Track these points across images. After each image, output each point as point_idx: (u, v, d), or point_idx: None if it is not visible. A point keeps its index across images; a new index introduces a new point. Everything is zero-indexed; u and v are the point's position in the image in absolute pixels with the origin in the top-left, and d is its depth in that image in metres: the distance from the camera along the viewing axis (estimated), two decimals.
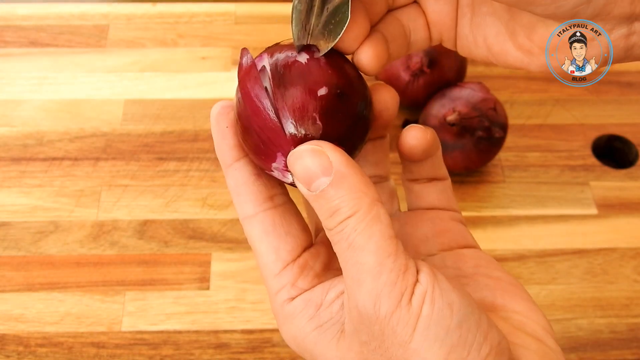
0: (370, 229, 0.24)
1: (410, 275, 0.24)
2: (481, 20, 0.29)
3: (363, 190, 0.25)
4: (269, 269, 0.28)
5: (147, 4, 0.70)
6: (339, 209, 0.25)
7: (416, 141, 0.29)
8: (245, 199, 0.28)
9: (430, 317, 0.23)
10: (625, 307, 0.51)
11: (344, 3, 0.26)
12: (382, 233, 0.24)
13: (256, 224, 0.28)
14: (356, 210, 0.24)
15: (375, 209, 0.25)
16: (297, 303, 0.27)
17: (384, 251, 0.24)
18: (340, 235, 0.25)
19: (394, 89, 0.29)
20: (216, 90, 0.64)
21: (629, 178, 0.58)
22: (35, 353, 0.48)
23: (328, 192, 0.25)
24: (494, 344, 0.24)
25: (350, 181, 0.25)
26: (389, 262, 0.24)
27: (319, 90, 0.26)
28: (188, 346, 0.49)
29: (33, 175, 0.57)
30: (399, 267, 0.24)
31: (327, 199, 0.25)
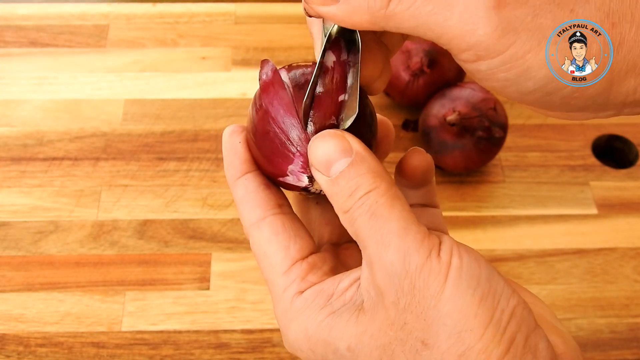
0: (392, 202, 0.25)
1: (435, 237, 0.25)
2: None
3: (382, 173, 0.26)
4: (276, 268, 0.28)
5: (147, 4, 0.70)
6: (359, 185, 0.26)
7: (418, 162, 0.30)
8: (254, 205, 0.29)
9: (461, 268, 0.24)
10: (625, 307, 0.51)
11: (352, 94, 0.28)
12: (403, 206, 0.25)
13: (265, 226, 0.28)
14: (377, 185, 0.26)
15: (394, 189, 0.26)
16: (307, 295, 0.27)
17: (408, 218, 0.25)
18: (362, 209, 0.25)
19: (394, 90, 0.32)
20: (216, 90, 0.64)
21: (629, 178, 0.58)
22: (35, 353, 0.48)
23: (348, 172, 0.26)
24: (520, 300, 0.25)
25: (370, 163, 0.26)
26: (414, 226, 0.25)
27: (339, 96, 0.28)
28: (188, 346, 0.49)
29: (33, 175, 0.57)
30: (424, 231, 0.25)
31: (347, 178, 0.26)
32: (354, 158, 0.26)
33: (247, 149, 0.29)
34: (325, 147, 0.26)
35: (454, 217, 0.56)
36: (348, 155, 0.26)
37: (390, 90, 0.60)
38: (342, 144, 0.26)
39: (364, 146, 0.26)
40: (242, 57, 0.66)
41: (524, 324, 0.24)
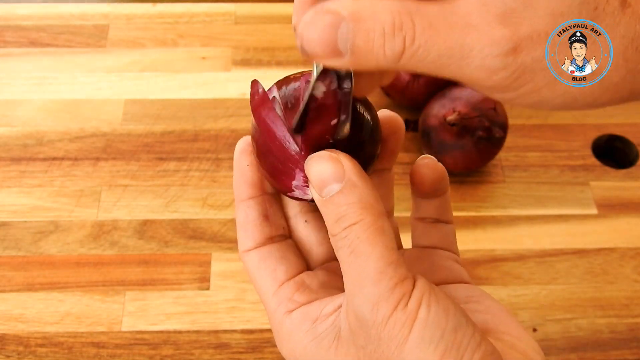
0: (373, 238, 0.25)
1: (408, 283, 0.25)
2: None
3: (371, 202, 0.26)
4: (267, 291, 0.29)
5: (147, 4, 0.70)
6: (345, 214, 0.25)
7: (427, 170, 0.31)
8: (249, 233, 0.30)
9: (427, 320, 0.24)
10: (625, 307, 0.51)
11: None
12: (384, 244, 0.25)
13: (254, 254, 0.30)
14: (362, 218, 0.25)
15: (380, 222, 0.25)
16: (295, 316, 0.28)
17: (386, 260, 0.25)
18: (344, 242, 0.25)
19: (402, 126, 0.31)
20: (216, 90, 0.64)
21: (629, 178, 0.58)
22: (35, 353, 0.48)
23: (337, 198, 0.26)
24: (487, 351, 0.24)
25: (360, 191, 0.26)
26: (390, 270, 0.25)
27: (335, 111, 0.28)
28: (188, 346, 0.49)
29: (33, 175, 0.57)
30: (399, 275, 0.25)
31: (335, 204, 0.26)
32: (344, 185, 0.26)
33: (255, 170, 0.30)
34: (319, 168, 0.26)
35: (454, 217, 0.55)
36: (339, 180, 0.26)
37: (390, 90, 0.60)
38: (334, 167, 0.26)
39: (357, 171, 0.26)
40: (242, 57, 0.66)
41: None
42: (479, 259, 0.53)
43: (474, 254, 0.53)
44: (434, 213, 0.32)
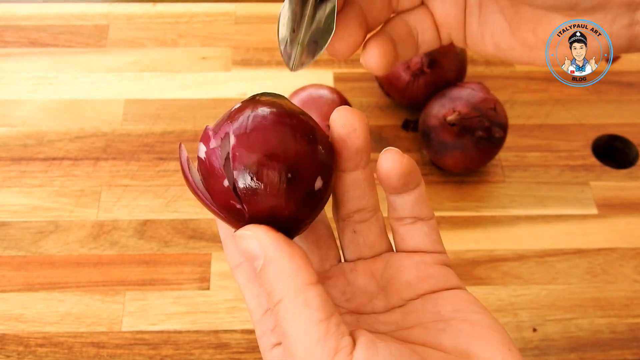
0: (298, 316, 0.25)
1: (343, 355, 0.24)
2: (488, 18, 0.29)
3: (291, 275, 0.25)
4: (253, 314, 0.30)
5: (147, 4, 0.70)
6: (271, 290, 0.26)
7: (391, 163, 0.29)
8: (233, 249, 0.30)
9: None
10: (626, 307, 0.51)
11: (331, 13, 0.27)
12: (309, 319, 0.25)
13: (241, 272, 0.30)
14: (284, 296, 0.25)
15: (302, 294, 0.25)
16: (275, 354, 0.28)
17: (312, 338, 0.24)
18: (276, 318, 0.26)
19: (358, 111, 0.29)
20: (216, 90, 0.64)
21: (629, 178, 0.58)
22: (35, 353, 0.48)
23: (262, 274, 0.26)
24: None
25: (278, 265, 0.26)
26: (318, 348, 0.24)
27: (223, 182, 0.27)
28: (188, 346, 0.49)
29: (33, 175, 0.57)
30: (329, 351, 0.24)
31: (263, 279, 0.26)
32: (263, 262, 0.26)
33: None
34: (243, 245, 0.27)
35: (454, 217, 0.56)
36: (259, 258, 0.26)
37: (390, 90, 0.60)
38: (253, 246, 0.26)
39: (273, 243, 0.26)
40: (242, 57, 0.66)
41: None
42: (479, 259, 0.53)
43: (474, 254, 0.53)
44: (410, 211, 0.31)
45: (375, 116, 0.62)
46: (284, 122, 0.26)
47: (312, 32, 0.27)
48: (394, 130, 0.61)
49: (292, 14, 0.27)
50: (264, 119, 0.26)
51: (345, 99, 0.57)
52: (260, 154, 0.26)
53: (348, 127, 0.28)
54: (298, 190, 0.27)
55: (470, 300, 0.30)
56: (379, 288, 0.31)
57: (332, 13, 0.27)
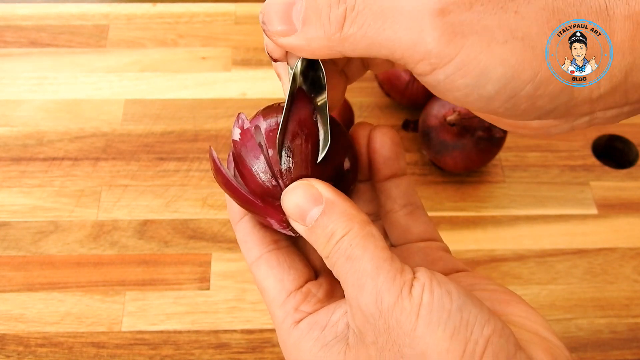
0: (364, 243, 0.26)
1: (408, 273, 0.26)
2: None
3: (353, 213, 0.27)
4: (275, 301, 0.30)
5: (147, 4, 0.70)
6: (334, 231, 0.27)
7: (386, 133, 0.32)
8: (252, 245, 0.31)
9: (432, 304, 0.25)
10: (625, 307, 0.51)
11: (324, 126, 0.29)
12: (376, 245, 0.26)
13: (262, 262, 0.30)
14: (350, 229, 0.26)
15: (367, 228, 0.27)
16: (302, 326, 0.29)
17: (380, 257, 0.26)
18: (338, 254, 0.26)
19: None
20: (216, 90, 0.64)
21: (629, 178, 0.58)
22: (35, 353, 0.48)
23: (322, 221, 0.27)
24: (497, 327, 0.25)
25: (341, 207, 0.27)
26: (386, 265, 0.26)
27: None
28: (188, 346, 0.49)
29: (33, 175, 0.57)
30: (396, 268, 0.26)
31: (322, 227, 0.27)
32: (325, 205, 0.27)
33: None
34: (295, 198, 0.27)
35: (454, 217, 0.56)
36: (319, 203, 0.27)
37: (390, 90, 0.60)
38: (310, 193, 0.27)
39: (333, 190, 0.27)
40: (242, 57, 0.66)
41: (501, 351, 0.25)
42: (479, 259, 0.53)
43: (474, 254, 0.53)
44: (405, 196, 0.33)
45: (375, 116, 0.62)
46: (310, 112, 0.29)
47: None
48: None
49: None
50: (294, 112, 0.29)
51: (345, 99, 0.57)
52: (292, 131, 0.28)
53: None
54: (329, 166, 0.29)
55: (483, 277, 0.31)
56: None
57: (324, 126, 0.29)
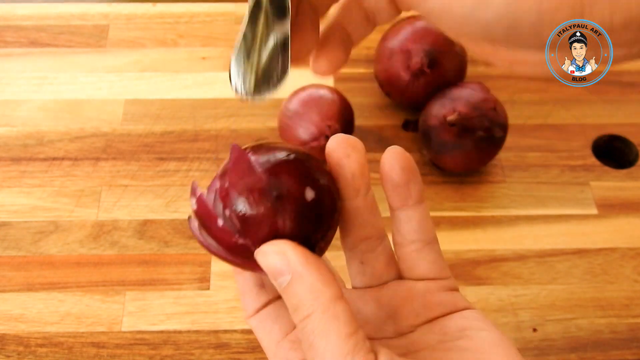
0: (327, 330, 0.25)
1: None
2: None
3: (320, 289, 0.26)
4: (268, 351, 0.32)
5: (147, 4, 0.70)
6: (299, 306, 0.26)
7: (393, 156, 0.30)
8: (249, 303, 0.32)
9: None
10: (626, 307, 0.51)
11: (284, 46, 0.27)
12: (338, 333, 0.25)
13: (254, 320, 0.32)
14: (313, 310, 0.26)
15: (332, 308, 0.25)
16: None
17: (341, 352, 0.25)
18: (302, 334, 0.26)
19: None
20: (216, 90, 0.64)
21: (629, 178, 0.58)
22: (35, 353, 0.48)
23: (289, 290, 0.26)
24: None
25: (308, 280, 0.26)
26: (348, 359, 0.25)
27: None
28: (188, 346, 0.49)
29: (33, 175, 0.57)
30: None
31: (289, 295, 0.26)
32: (291, 277, 0.26)
33: None
34: (267, 262, 0.27)
35: (454, 217, 0.56)
36: (287, 273, 0.26)
37: (390, 90, 0.60)
38: (280, 261, 0.26)
39: (303, 259, 0.26)
40: None
41: None
42: (479, 259, 0.53)
43: (474, 254, 0.53)
44: (416, 232, 0.31)
45: (375, 116, 0.62)
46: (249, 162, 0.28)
47: (265, 66, 0.28)
48: (394, 130, 0.61)
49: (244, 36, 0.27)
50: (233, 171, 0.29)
51: (345, 99, 0.57)
52: (242, 184, 0.27)
53: (341, 153, 0.29)
54: (288, 204, 0.27)
55: (476, 318, 0.30)
56: (387, 316, 0.31)
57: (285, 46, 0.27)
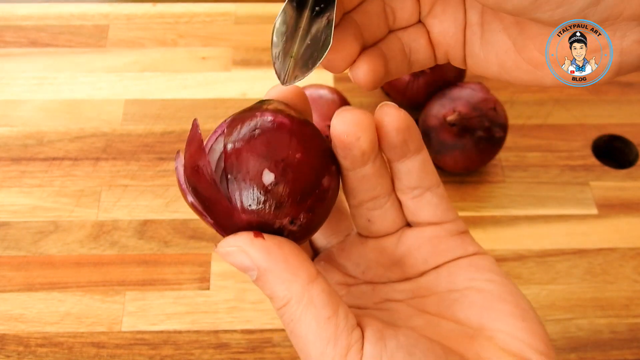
0: (305, 317, 0.25)
1: (354, 355, 0.24)
2: (491, 37, 0.28)
3: (290, 277, 0.25)
4: None
5: (147, 4, 0.70)
6: (272, 298, 0.25)
7: (388, 117, 0.28)
8: None
9: None
10: (626, 307, 0.51)
11: (328, 26, 0.26)
12: (317, 318, 0.24)
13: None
14: (288, 299, 0.25)
15: (306, 294, 0.25)
16: None
17: (323, 339, 0.24)
18: (282, 320, 0.25)
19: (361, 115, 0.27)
20: (216, 90, 0.64)
21: (629, 178, 0.58)
22: (35, 353, 0.48)
23: (258, 283, 0.25)
24: None
25: (275, 272, 0.25)
26: (329, 349, 0.24)
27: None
28: (188, 346, 0.49)
29: (33, 175, 0.57)
30: (340, 352, 0.24)
31: (260, 287, 0.25)
32: (257, 274, 0.25)
33: None
34: (231, 260, 0.26)
35: None
36: (252, 270, 0.25)
37: (390, 90, 0.60)
38: (242, 259, 0.25)
39: (264, 252, 0.25)
40: (242, 57, 0.66)
41: None
42: None
43: None
44: (417, 179, 0.29)
45: None
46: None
47: (307, 46, 0.27)
48: None
49: (285, 26, 0.27)
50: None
51: (345, 99, 0.57)
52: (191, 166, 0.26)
53: (352, 137, 0.27)
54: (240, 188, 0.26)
55: (485, 268, 0.29)
56: (392, 262, 0.30)
57: (329, 26, 0.26)
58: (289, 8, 0.26)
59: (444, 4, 0.29)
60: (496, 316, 0.27)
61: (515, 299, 0.28)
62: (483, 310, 0.28)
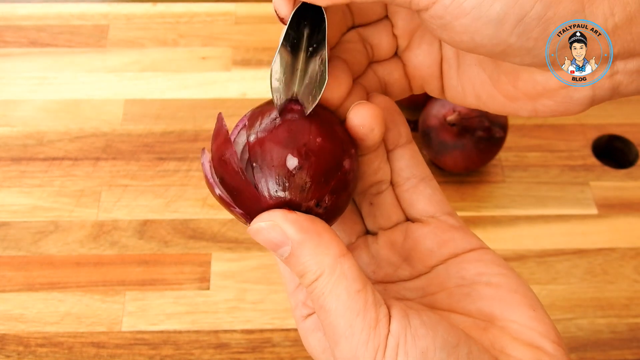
0: (336, 289, 0.25)
1: (382, 328, 0.25)
2: (467, 70, 0.30)
3: (323, 251, 0.26)
4: (287, 287, 0.30)
5: (147, 4, 0.70)
6: (305, 272, 0.26)
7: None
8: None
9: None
10: (625, 307, 0.51)
11: (322, 64, 0.28)
12: (348, 291, 0.25)
13: None
14: (320, 272, 0.25)
15: (339, 267, 0.25)
16: (308, 323, 0.29)
17: (352, 310, 0.25)
18: (312, 296, 0.26)
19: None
20: (216, 90, 0.64)
21: (629, 178, 0.58)
22: (35, 353, 0.48)
23: (291, 259, 0.26)
24: None
25: (309, 245, 0.26)
26: (359, 321, 0.25)
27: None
28: (188, 346, 0.49)
29: (33, 175, 0.57)
30: (369, 323, 0.25)
31: (292, 264, 0.26)
32: (292, 247, 0.26)
33: None
34: (263, 237, 0.26)
35: None
36: (285, 244, 0.26)
37: None
38: (276, 234, 0.26)
39: (298, 226, 0.26)
40: (242, 57, 0.66)
41: None
42: None
43: None
44: (410, 169, 0.31)
45: None
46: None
47: (306, 85, 0.28)
48: None
49: (284, 68, 0.28)
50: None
51: None
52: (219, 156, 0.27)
53: (367, 128, 0.29)
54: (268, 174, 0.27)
55: (493, 262, 0.30)
56: (401, 258, 0.31)
57: (322, 64, 0.28)
58: (284, 52, 0.28)
59: (420, 39, 0.31)
60: (507, 307, 0.28)
61: (524, 289, 0.29)
62: (494, 302, 0.28)
